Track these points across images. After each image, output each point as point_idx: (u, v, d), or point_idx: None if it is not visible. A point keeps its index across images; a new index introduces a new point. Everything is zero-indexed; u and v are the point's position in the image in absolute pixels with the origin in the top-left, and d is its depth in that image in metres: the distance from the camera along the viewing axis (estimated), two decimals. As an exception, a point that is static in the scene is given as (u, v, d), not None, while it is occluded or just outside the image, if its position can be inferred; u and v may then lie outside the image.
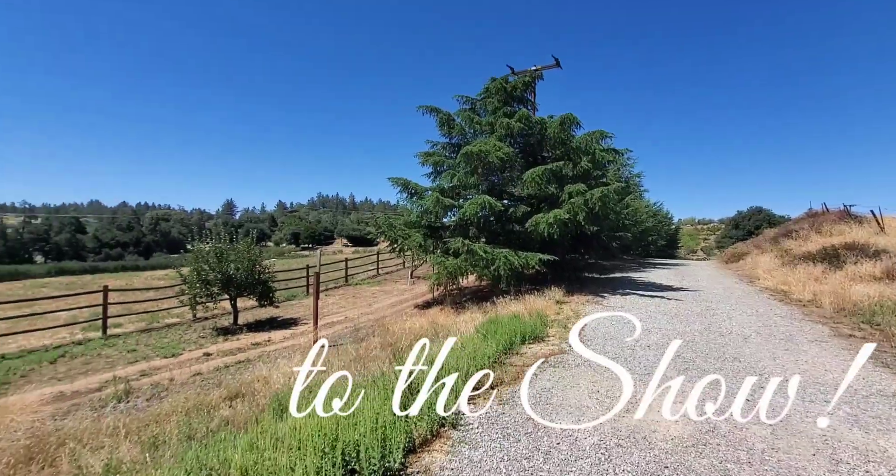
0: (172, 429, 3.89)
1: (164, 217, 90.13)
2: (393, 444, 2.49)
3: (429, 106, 12.46)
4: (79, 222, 76.82)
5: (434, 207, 11.17)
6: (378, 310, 11.92)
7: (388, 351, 6.10)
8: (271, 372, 5.62)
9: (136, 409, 4.88)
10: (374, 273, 20.00)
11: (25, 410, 4.37)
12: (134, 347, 8.49)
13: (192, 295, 10.06)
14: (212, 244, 10.49)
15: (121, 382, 5.77)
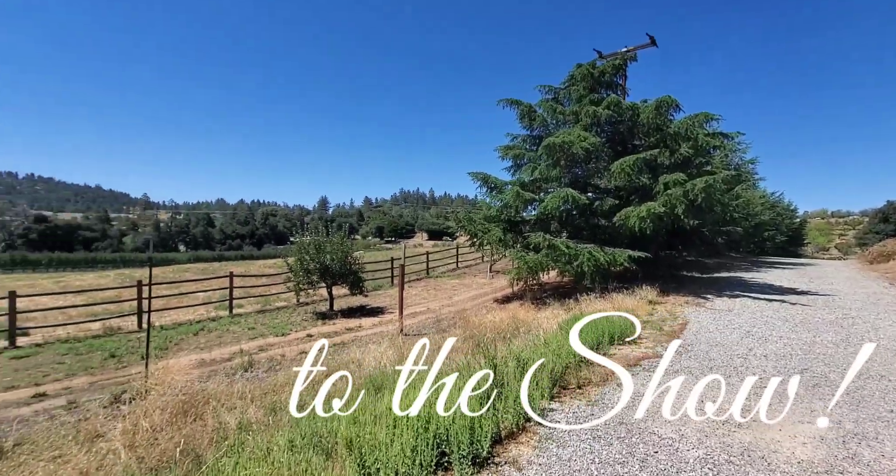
0: (286, 398, 4.46)
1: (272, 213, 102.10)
2: (481, 432, 2.57)
3: (509, 99, 12.28)
4: (209, 218, 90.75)
5: (514, 201, 11.04)
6: (458, 302, 12.19)
7: (471, 343, 6.24)
8: (364, 355, 6.10)
9: (258, 378, 5.68)
10: (453, 266, 20.46)
11: (180, 372, 5.38)
12: (253, 326, 9.85)
13: (296, 282, 11.32)
14: (311, 237, 11.65)
15: (245, 355, 6.76)
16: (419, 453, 2.39)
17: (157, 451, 3.42)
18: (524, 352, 4.35)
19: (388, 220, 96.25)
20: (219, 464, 2.55)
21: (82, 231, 69.12)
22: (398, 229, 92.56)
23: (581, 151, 10.30)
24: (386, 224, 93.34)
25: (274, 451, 2.63)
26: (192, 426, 3.87)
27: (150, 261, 5.22)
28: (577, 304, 8.06)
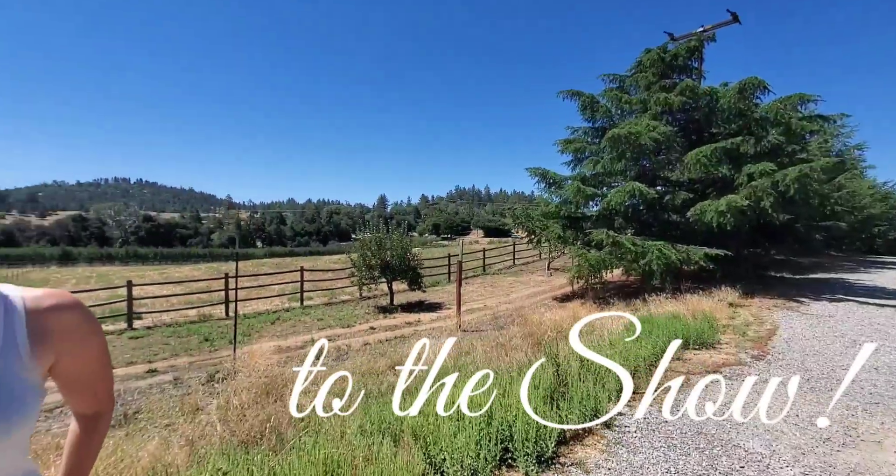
0: (354, 386, 4.75)
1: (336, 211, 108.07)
2: (546, 431, 2.54)
3: (569, 90, 11.82)
4: (282, 216, 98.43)
5: (574, 197, 10.64)
6: (515, 300, 12.05)
7: (530, 341, 6.16)
8: (424, 349, 6.27)
9: (328, 366, 6.08)
10: (510, 264, 20.23)
11: (262, 356, 5.94)
12: (321, 317, 10.55)
13: (359, 277, 11.92)
14: (372, 234, 12.18)
15: (316, 343, 7.27)
16: (483, 447, 2.43)
17: (246, 426, 3.81)
18: (588, 352, 4.21)
19: (443, 218, 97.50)
20: (300, 442, 2.79)
21: (179, 229, 78.90)
22: (454, 226, 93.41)
23: (649, 142, 9.64)
24: (442, 221, 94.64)
25: (347, 433, 2.82)
26: (273, 406, 4.25)
27: (236, 256, 5.82)
28: (644, 305, 7.60)
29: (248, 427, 3.79)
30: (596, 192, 10.84)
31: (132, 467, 2.63)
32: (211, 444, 3.47)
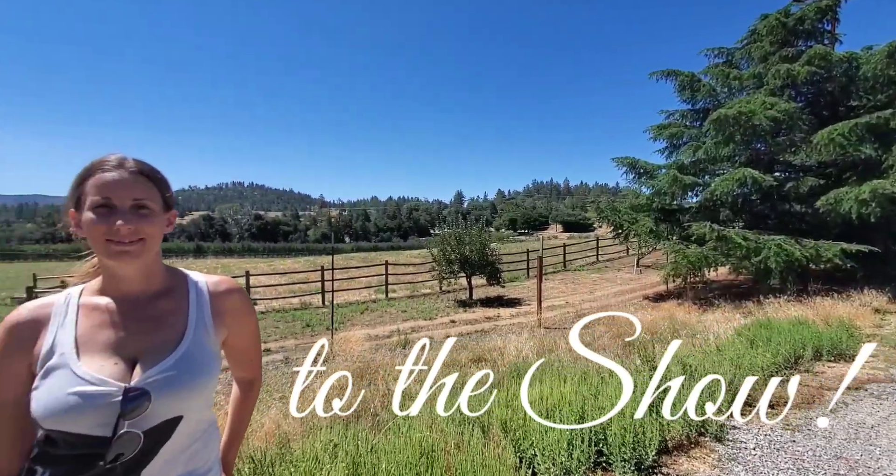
0: (439, 376, 4.93)
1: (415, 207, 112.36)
2: (646, 437, 2.39)
3: (665, 70, 10.76)
4: (366, 213, 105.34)
5: (670, 187, 9.70)
6: (600, 298, 11.41)
7: (619, 342, 5.80)
8: (506, 344, 6.27)
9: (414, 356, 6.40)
10: (593, 260, 19.18)
11: (356, 343, 6.49)
12: (405, 309, 11.10)
13: (439, 271, 12.28)
14: (452, 229, 12.43)
15: (401, 334, 7.70)
16: (576, 448, 2.37)
17: (345, 405, 4.19)
18: (690, 357, 3.84)
19: (520, 212, 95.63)
20: (396, 424, 2.99)
21: (282, 226, 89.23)
22: (531, 221, 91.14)
23: (765, 122, 8.38)
24: (519, 216, 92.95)
25: (437, 421, 2.95)
26: (367, 389, 4.61)
27: (332, 251, 6.40)
28: (759, 308, 6.68)
29: (347, 406, 4.16)
30: (696, 181, 9.76)
31: (259, 431, 3.05)
32: (316, 418, 3.89)
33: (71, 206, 0.80)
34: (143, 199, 0.80)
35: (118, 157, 0.81)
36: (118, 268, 0.80)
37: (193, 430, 0.84)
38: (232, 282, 0.98)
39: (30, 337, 0.76)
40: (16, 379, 0.74)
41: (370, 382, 4.91)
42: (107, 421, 0.71)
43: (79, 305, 0.80)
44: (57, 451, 0.72)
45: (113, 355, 0.77)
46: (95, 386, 0.72)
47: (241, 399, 1.08)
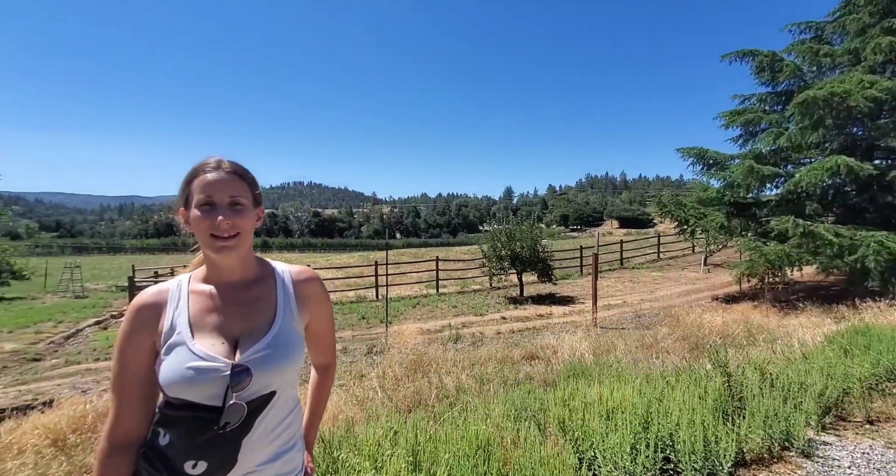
0: (491, 372, 4.93)
1: (464, 204, 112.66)
2: (719, 447, 2.23)
3: (740, 51, 9.81)
4: (416, 210, 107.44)
5: (745, 179, 8.86)
6: (662, 298, 10.73)
7: (685, 345, 5.43)
8: (559, 343, 6.12)
9: (465, 350, 6.46)
10: (653, 257, 18.08)
11: (410, 336, 6.67)
12: (455, 304, 11.20)
13: (489, 267, 12.22)
14: (503, 225, 12.30)
15: (452, 329, 7.79)
16: (640, 453, 2.26)
17: (400, 395, 4.32)
18: (770, 364, 3.50)
19: (572, 208, 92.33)
20: (451, 415, 3.05)
21: (337, 222, 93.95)
22: (584, 217, 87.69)
23: (863, 103, 7.37)
24: (570, 212, 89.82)
25: (493, 415, 2.95)
26: (420, 381, 4.72)
27: (386, 247, 6.58)
28: (853, 312, 5.92)
29: (402, 396, 4.29)
30: (776, 171, 8.83)
31: (324, 414, 3.26)
32: (375, 405, 4.06)
33: (181, 205, 0.91)
34: (237, 196, 0.89)
35: (216, 160, 0.91)
36: (219, 259, 0.90)
37: (284, 406, 0.92)
38: (311, 271, 1.05)
39: (152, 317, 0.87)
40: (143, 353, 0.86)
41: (423, 375, 5.01)
42: (217, 392, 0.81)
43: (189, 291, 0.91)
44: (177, 414, 0.82)
45: (219, 335, 0.87)
46: (208, 362, 0.81)
47: (319, 382, 1.17)
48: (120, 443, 0.84)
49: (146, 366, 0.86)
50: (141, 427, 0.86)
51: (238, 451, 0.83)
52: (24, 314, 10.93)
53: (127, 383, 0.85)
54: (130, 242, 74.97)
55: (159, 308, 0.88)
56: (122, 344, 0.86)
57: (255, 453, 0.86)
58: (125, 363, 0.85)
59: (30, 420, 3.53)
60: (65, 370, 6.38)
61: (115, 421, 0.85)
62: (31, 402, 4.61)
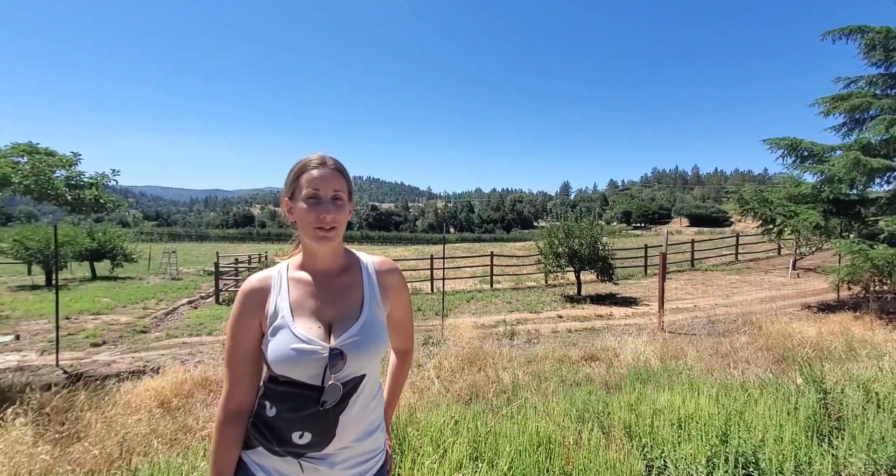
0: (548, 370, 4.86)
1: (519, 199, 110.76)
2: (813, 469, 2.03)
3: (846, 27, 8.58)
4: (470, 205, 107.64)
5: (848, 173, 7.79)
6: (740, 303, 9.79)
7: (770, 356, 4.94)
8: (621, 345, 5.86)
9: (520, 347, 6.41)
10: (730, 258, 16.53)
11: (465, 330, 6.75)
12: (510, 301, 11.12)
13: (545, 264, 11.94)
14: (561, 222, 11.94)
15: (507, 325, 7.75)
16: (718, 467, 2.12)
17: (456, 387, 4.40)
18: (875, 382, 3.09)
19: (636, 204, 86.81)
20: (510, 410, 3.06)
21: (394, 216, 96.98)
22: (648, 214, 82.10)
23: None
24: (633, 208, 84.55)
25: (553, 413, 2.92)
26: (476, 375, 4.76)
27: (443, 241, 6.70)
28: None
29: (458, 388, 4.37)
30: (888, 164, 7.66)
31: (387, 399, 3.42)
32: (433, 394, 4.18)
33: (287, 196, 0.99)
34: (339, 191, 0.96)
35: (320, 156, 0.98)
36: (318, 248, 0.98)
37: (371, 389, 1.00)
38: (392, 262, 1.12)
39: (259, 301, 0.96)
40: (253, 333, 0.95)
41: (480, 369, 5.06)
42: (317, 373, 0.89)
43: (288, 278, 0.99)
44: (282, 390, 0.91)
45: (316, 320, 0.94)
46: (308, 344, 0.89)
47: (398, 367, 1.24)
48: (233, 412, 0.94)
49: (255, 344, 0.95)
50: (250, 399, 0.96)
51: (336, 426, 0.91)
52: (134, 292, 12.65)
53: (239, 360, 0.94)
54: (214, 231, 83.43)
55: (265, 293, 0.96)
56: (234, 324, 0.95)
57: (350, 430, 0.94)
58: (237, 342, 0.94)
59: (142, 384, 4.10)
60: (166, 342, 7.32)
61: (229, 393, 0.94)
62: (142, 368, 5.35)
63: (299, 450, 0.89)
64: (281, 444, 0.89)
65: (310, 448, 0.90)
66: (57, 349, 5.84)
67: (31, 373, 5.24)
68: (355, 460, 0.95)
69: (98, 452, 2.38)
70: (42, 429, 2.71)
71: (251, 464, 0.93)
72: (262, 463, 0.92)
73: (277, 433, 0.90)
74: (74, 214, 5.23)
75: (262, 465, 0.92)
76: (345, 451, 0.94)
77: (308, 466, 0.90)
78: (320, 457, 0.91)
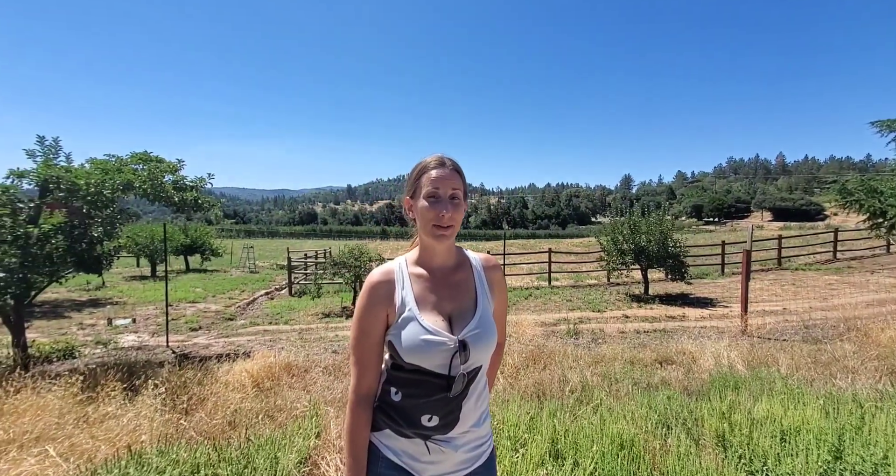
0: (619, 371, 4.67)
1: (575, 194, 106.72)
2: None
3: None
4: (524, 201, 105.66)
5: None
6: (840, 306, 8.66)
7: (882, 367, 4.34)
8: (700, 349, 5.47)
9: (586, 347, 6.22)
10: (827, 257, 14.67)
11: (528, 327, 6.70)
12: (569, 299, 10.80)
13: (608, 261, 11.41)
14: (626, 217, 11.34)
15: (569, 323, 7.55)
16: (831, 485, 1.94)
17: (521, 384, 4.38)
18: None
19: (708, 197, 79.71)
20: (582, 411, 3.01)
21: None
22: (723, 208, 75.00)
23: None
24: (706, 202, 77.69)
25: (633, 417, 2.82)
26: (541, 373, 4.71)
27: (504, 237, 6.66)
28: None
29: (524, 385, 4.35)
30: None
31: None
32: (498, 391, 4.21)
33: (408, 195, 1.05)
34: (457, 190, 1.00)
35: (439, 157, 1.03)
36: (436, 245, 1.03)
37: (483, 379, 1.05)
38: (495, 260, 1.17)
39: (387, 293, 1.01)
40: (380, 323, 1.01)
41: (545, 366, 5.00)
42: (443, 362, 0.94)
43: (409, 274, 1.05)
44: (410, 377, 0.98)
45: (438, 313, 1.00)
46: (436, 336, 0.95)
47: (494, 357, 1.29)
48: (364, 396, 1.01)
49: (381, 333, 1.01)
50: (376, 383, 1.03)
51: (460, 411, 0.97)
52: (220, 283, 14.08)
53: (368, 348, 1.00)
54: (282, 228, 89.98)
55: (391, 286, 1.02)
56: (362, 315, 1.00)
57: (470, 416, 1.00)
58: (366, 331, 1.00)
59: (237, 365, 4.58)
60: (251, 329, 8.08)
61: (359, 378, 1.01)
62: (234, 351, 5.96)
63: (427, 432, 0.96)
64: (410, 426, 0.96)
65: (437, 430, 0.96)
66: (167, 332, 6.69)
67: (148, 351, 6.06)
68: (473, 444, 1.02)
69: (215, 423, 2.72)
70: (167, 399, 3.14)
71: (380, 445, 1.00)
72: (389, 444, 0.99)
73: (406, 416, 0.97)
74: (178, 214, 5.91)
75: (390, 446, 0.99)
76: (466, 435, 1.00)
77: (434, 448, 0.97)
78: (445, 439, 0.98)
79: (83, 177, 4.59)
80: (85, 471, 1.90)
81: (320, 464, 2.21)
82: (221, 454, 2.08)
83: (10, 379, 3.24)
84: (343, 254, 9.98)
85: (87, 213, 4.92)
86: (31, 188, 4.88)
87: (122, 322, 8.33)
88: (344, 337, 6.92)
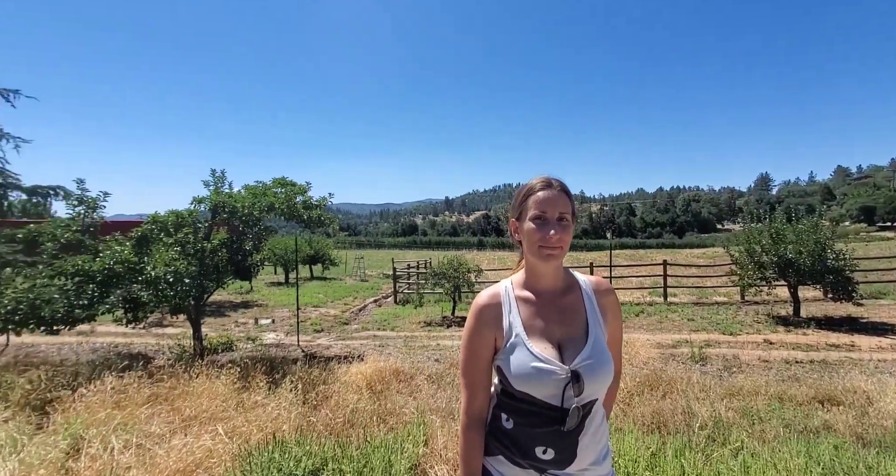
0: (763, 409, 3.94)
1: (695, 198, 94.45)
2: None
3: None
4: (631, 207, 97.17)
5: None
6: None
7: None
8: (881, 387, 4.35)
9: (714, 375, 5.41)
10: None
11: (642, 347, 6.08)
12: (692, 317, 9.50)
13: (741, 275, 9.76)
14: (767, 223, 9.63)
15: (693, 346, 6.64)
16: None
17: (636, 412, 3.97)
18: None
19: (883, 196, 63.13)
20: (717, 453, 2.60)
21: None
22: (909, 208, 58.51)
23: None
24: (880, 202, 61.62)
25: (791, 469, 2.35)
26: (660, 402, 4.19)
27: (610, 248, 6.18)
28: None
29: (639, 414, 3.94)
30: None
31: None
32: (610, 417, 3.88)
33: (514, 217, 1.05)
34: (565, 212, 0.97)
35: (546, 179, 1.01)
36: (543, 267, 1.00)
37: (600, 412, 0.99)
38: (608, 283, 1.08)
39: (494, 316, 1.01)
40: (488, 345, 1.01)
41: (664, 394, 4.47)
42: (555, 393, 0.91)
43: (515, 297, 1.03)
44: (520, 405, 0.95)
45: (547, 340, 0.97)
46: (546, 364, 0.92)
47: (611, 387, 1.20)
48: (476, 418, 1.01)
49: (489, 356, 1.01)
50: (487, 406, 1.03)
51: (576, 447, 0.93)
52: (337, 290, 15.79)
53: (477, 370, 1.01)
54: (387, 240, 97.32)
55: (498, 309, 1.01)
56: (470, 337, 1.01)
57: (588, 452, 0.94)
58: (474, 352, 1.00)
59: (353, 367, 5.05)
60: (362, 334, 8.86)
61: (470, 400, 1.01)
62: (350, 354, 6.59)
63: (542, 465, 0.94)
64: (524, 457, 0.94)
65: (553, 465, 0.93)
66: (298, 333, 7.72)
67: (284, 349, 7.06)
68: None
69: (337, 420, 3.03)
70: (299, 394, 3.61)
71: (493, 471, 1.00)
72: (503, 471, 0.98)
73: (520, 446, 0.95)
74: (305, 228, 6.83)
75: (504, 473, 0.98)
76: (585, 473, 0.95)
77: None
78: (562, 475, 0.94)
79: (240, 201, 5.70)
80: (243, 451, 2.28)
81: (429, 473, 2.30)
82: (345, 451, 2.30)
83: (192, 365, 4.09)
84: (442, 265, 10.35)
85: (242, 231, 6.07)
86: (205, 211, 6.19)
87: (264, 321, 9.86)
88: (445, 346, 7.14)
